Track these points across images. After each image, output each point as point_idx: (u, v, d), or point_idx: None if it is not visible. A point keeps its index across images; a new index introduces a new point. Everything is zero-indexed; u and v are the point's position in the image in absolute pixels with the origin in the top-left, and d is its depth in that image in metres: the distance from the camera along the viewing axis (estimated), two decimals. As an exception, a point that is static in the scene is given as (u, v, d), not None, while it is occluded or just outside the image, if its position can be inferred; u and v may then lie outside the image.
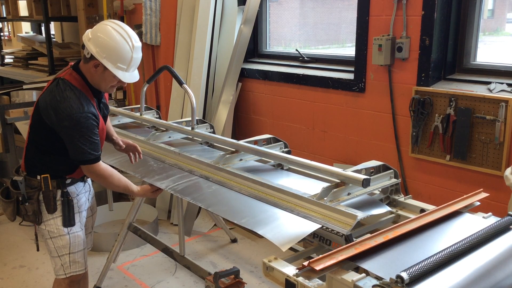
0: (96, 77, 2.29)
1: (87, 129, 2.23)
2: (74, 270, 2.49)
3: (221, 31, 4.35)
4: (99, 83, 2.31)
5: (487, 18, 3.28)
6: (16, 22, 8.43)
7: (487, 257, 1.61)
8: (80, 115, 2.20)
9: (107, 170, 2.37)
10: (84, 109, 2.22)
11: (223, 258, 3.81)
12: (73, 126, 2.20)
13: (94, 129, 2.26)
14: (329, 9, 4.24)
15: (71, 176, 2.43)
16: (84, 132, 2.23)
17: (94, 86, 2.33)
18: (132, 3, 4.87)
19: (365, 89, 3.42)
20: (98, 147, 2.31)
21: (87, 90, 2.30)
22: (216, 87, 4.39)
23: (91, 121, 2.24)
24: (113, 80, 2.29)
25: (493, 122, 2.78)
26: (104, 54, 2.21)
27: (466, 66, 3.12)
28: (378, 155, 3.34)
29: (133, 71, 2.35)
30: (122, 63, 2.25)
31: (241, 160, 2.67)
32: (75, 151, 2.26)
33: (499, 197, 2.78)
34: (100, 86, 2.33)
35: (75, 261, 2.49)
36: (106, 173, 2.37)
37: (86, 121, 2.22)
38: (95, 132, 2.28)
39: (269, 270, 1.72)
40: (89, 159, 2.29)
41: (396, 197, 2.25)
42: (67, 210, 2.41)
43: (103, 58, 2.21)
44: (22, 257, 3.87)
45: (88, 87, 2.31)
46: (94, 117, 2.26)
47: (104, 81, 2.30)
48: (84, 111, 2.22)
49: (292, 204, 2.14)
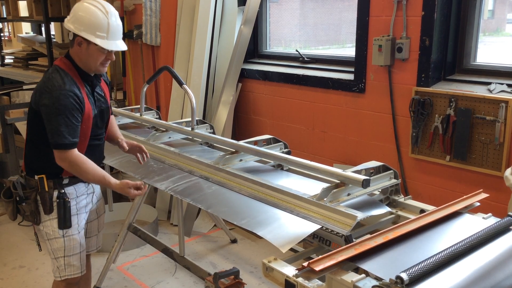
0: (83, 56, 2.29)
1: (65, 108, 2.20)
2: (69, 273, 2.47)
3: (221, 32, 4.35)
4: (87, 62, 2.30)
5: (487, 18, 3.28)
6: (16, 23, 8.43)
7: (487, 258, 1.61)
8: (60, 91, 2.20)
9: (81, 158, 2.28)
10: (66, 87, 2.21)
11: (223, 259, 3.81)
12: (52, 104, 2.20)
13: (73, 110, 2.22)
14: (329, 10, 4.24)
15: (68, 175, 2.39)
16: (62, 110, 2.19)
17: (85, 69, 2.32)
18: (132, 4, 4.87)
19: (365, 89, 3.42)
20: (76, 133, 2.25)
21: (74, 73, 2.30)
22: (216, 88, 4.39)
23: (71, 100, 2.21)
24: (99, 54, 2.27)
25: (493, 123, 2.78)
26: (82, 27, 2.23)
27: (466, 67, 3.12)
28: (378, 156, 3.34)
29: (116, 40, 2.31)
30: (100, 31, 2.24)
31: (241, 161, 2.67)
32: (51, 132, 2.22)
33: (499, 197, 2.78)
34: (89, 65, 2.31)
35: (70, 264, 2.46)
36: (80, 161, 2.27)
37: (66, 99, 2.20)
38: (75, 114, 2.23)
39: (268, 270, 1.72)
40: (63, 143, 2.22)
41: (396, 197, 2.25)
42: (62, 212, 2.37)
43: (81, 31, 2.23)
44: (22, 257, 3.87)
45: (77, 71, 2.31)
46: (76, 97, 2.23)
47: (91, 57, 2.28)
48: (64, 89, 2.21)
49: (292, 205, 2.14)
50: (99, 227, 2.77)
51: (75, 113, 2.23)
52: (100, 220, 2.76)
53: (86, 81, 2.35)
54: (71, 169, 2.29)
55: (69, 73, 2.28)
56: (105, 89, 2.53)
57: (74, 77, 2.29)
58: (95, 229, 2.74)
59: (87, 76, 2.35)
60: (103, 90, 2.49)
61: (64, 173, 2.38)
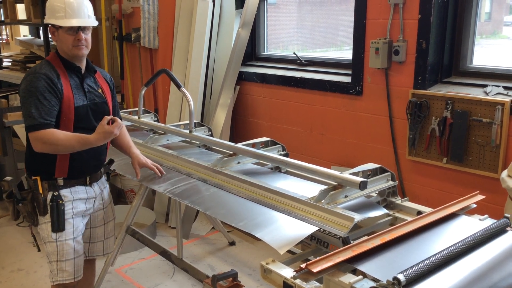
0: (58, 43, 2.36)
1: (36, 89, 2.22)
2: (60, 279, 2.43)
3: (219, 35, 4.36)
4: (62, 48, 2.35)
5: (484, 21, 3.29)
6: (14, 26, 8.44)
7: (483, 259, 1.62)
8: (33, 75, 2.27)
9: (51, 131, 2.23)
10: (39, 71, 2.27)
11: (221, 261, 3.81)
12: (25, 87, 2.26)
13: (45, 92, 2.23)
14: (326, 13, 4.25)
15: (62, 176, 2.38)
16: (33, 92, 2.22)
17: (67, 58, 2.37)
18: (130, 7, 4.88)
19: (363, 92, 3.43)
20: (48, 115, 2.23)
21: (58, 63, 2.36)
22: (214, 90, 4.40)
23: (43, 82, 2.24)
24: (67, 36, 2.31)
25: (489, 125, 2.80)
26: (47, 15, 2.33)
27: (462, 69, 3.14)
28: (375, 158, 3.35)
29: (78, 18, 2.32)
30: (58, 12, 2.30)
31: (239, 163, 2.68)
32: (24, 116, 2.25)
33: (495, 199, 2.79)
34: (66, 50, 2.35)
35: (63, 269, 2.42)
36: (50, 134, 2.22)
37: (37, 81, 2.24)
38: (47, 97, 2.23)
39: (266, 272, 1.73)
40: (32, 124, 2.20)
41: (393, 199, 2.26)
42: (55, 214, 2.35)
43: (47, 20, 2.32)
44: (20, 260, 3.87)
45: (62, 62, 2.36)
46: (50, 81, 2.26)
47: (63, 42, 2.33)
48: (38, 72, 2.27)
49: (290, 207, 2.15)
50: (106, 233, 2.72)
51: (47, 95, 2.24)
52: (108, 226, 2.71)
53: (72, 71, 2.38)
54: (45, 147, 2.24)
55: (52, 63, 2.34)
56: (104, 85, 2.53)
57: (57, 66, 2.34)
58: (101, 235, 2.69)
59: (72, 66, 2.38)
60: (100, 86, 2.49)
61: (57, 173, 2.36)
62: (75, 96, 2.34)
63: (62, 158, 2.35)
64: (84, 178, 2.47)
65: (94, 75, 2.49)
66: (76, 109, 2.33)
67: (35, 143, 2.24)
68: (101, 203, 2.62)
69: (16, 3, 6.02)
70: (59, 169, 2.37)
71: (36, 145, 2.25)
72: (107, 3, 5.08)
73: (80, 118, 2.35)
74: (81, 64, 2.41)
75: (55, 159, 2.34)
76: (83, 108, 2.36)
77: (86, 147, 2.30)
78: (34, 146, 2.26)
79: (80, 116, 2.35)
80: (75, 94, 2.34)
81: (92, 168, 2.50)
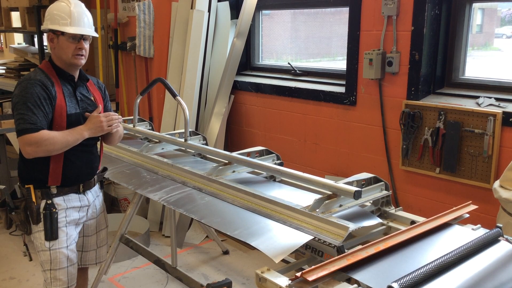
0: (57, 51, 2.34)
1: (31, 95, 2.22)
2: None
3: (214, 44, 4.38)
4: (61, 56, 2.34)
5: (476, 33, 3.34)
6: (9, 33, 8.43)
7: (476, 268, 1.64)
8: (28, 81, 2.26)
9: (45, 132, 2.22)
10: (34, 77, 2.28)
11: (215, 270, 3.81)
12: (19, 93, 2.25)
13: (40, 98, 2.23)
14: (320, 23, 4.29)
15: (55, 184, 2.37)
16: (28, 98, 2.22)
17: (62, 67, 2.36)
18: (126, 16, 4.91)
19: (356, 102, 3.46)
20: (43, 121, 2.23)
21: (52, 71, 2.36)
22: (209, 99, 4.42)
23: (39, 88, 2.24)
24: (68, 44, 2.31)
25: (481, 136, 2.83)
26: (48, 21, 2.32)
27: (455, 81, 3.18)
28: (369, 168, 3.38)
29: (82, 27, 2.34)
30: (63, 19, 2.30)
31: (234, 172, 2.69)
32: (17, 120, 2.23)
33: (488, 209, 2.82)
34: (64, 59, 2.34)
35: (56, 278, 2.42)
36: (45, 135, 2.21)
37: (32, 87, 2.24)
38: (43, 102, 2.23)
39: (262, 281, 1.73)
40: (25, 128, 2.19)
41: (387, 209, 2.28)
42: (49, 223, 2.34)
43: (48, 25, 2.31)
44: (12, 268, 3.84)
45: (55, 70, 2.36)
46: (45, 87, 2.26)
47: (63, 50, 2.32)
48: (32, 78, 2.27)
49: (285, 216, 2.16)
50: (99, 242, 2.71)
51: (42, 101, 2.24)
52: (100, 235, 2.70)
53: (65, 79, 2.38)
54: (41, 148, 2.21)
55: (45, 71, 2.34)
56: (95, 93, 2.53)
57: (50, 74, 2.34)
58: (94, 244, 2.68)
59: (66, 75, 2.37)
60: (92, 94, 2.50)
61: (50, 181, 2.36)
62: (68, 104, 2.34)
63: (55, 165, 2.34)
64: (78, 185, 2.46)
65: (86, 83, 2.50)
66: (68, 117, 2.33)
67: (26, 147, 2.20)
68: (95, 211, 2.61)
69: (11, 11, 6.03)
70: (52, 177, 2.36)
71: (27, 149, 2.21)
72: (103, 12, 5.10)
73: (72, 126, 2.35)
74: (74, 73, 2.42)
75: (48, 167, 2.34)
76: (76, 116, 2.37)
77: (81, 139, 2.32)
78: (24, 151, 2.22)
79: (72, 124, 2.35)
80: (67, 102, 2.34)
81: (86, 175, 2.50)
